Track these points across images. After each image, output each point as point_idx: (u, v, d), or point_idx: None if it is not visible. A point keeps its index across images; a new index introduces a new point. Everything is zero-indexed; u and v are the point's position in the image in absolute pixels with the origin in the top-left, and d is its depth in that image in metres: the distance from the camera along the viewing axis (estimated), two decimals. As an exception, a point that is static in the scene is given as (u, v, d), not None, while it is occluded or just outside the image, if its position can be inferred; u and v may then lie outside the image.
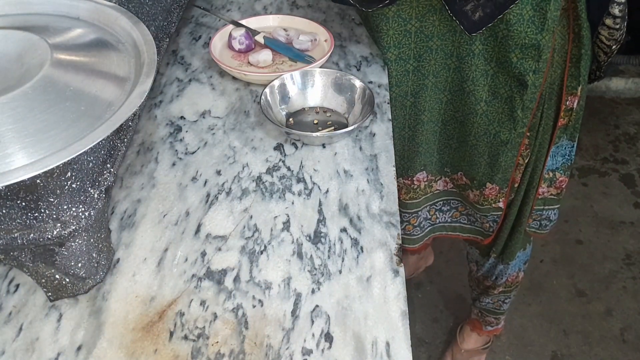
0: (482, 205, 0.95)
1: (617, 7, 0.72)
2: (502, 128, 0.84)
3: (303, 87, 0.76)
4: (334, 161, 0.68)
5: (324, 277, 0.55)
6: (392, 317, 0.51)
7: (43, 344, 0.49)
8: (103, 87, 0.47)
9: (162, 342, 0.50)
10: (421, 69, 0.82)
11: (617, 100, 2.21)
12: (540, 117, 0.86)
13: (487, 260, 1.08)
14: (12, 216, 0.46)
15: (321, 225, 0.60)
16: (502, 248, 1.03)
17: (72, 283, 0.51)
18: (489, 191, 0.93)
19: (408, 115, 0.88)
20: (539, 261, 1.62)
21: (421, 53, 0.81)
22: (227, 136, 0.72)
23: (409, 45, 0.80)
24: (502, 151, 0.86)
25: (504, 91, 0.81)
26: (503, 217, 0.98)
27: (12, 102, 0.43)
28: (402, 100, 0.86)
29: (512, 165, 0.89)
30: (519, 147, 0.87)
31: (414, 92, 0.85)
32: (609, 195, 1.82)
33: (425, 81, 0.84)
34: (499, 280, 1.10)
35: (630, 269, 1.60)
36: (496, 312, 1.23)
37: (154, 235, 0.59)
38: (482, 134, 0.86)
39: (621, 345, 1.42)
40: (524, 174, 0.92)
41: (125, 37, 0.54)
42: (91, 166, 0.50)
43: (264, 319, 0.51)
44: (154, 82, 0.73)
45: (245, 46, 0.84)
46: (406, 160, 0.94)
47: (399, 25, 0.79)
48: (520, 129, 0.84)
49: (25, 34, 0.50)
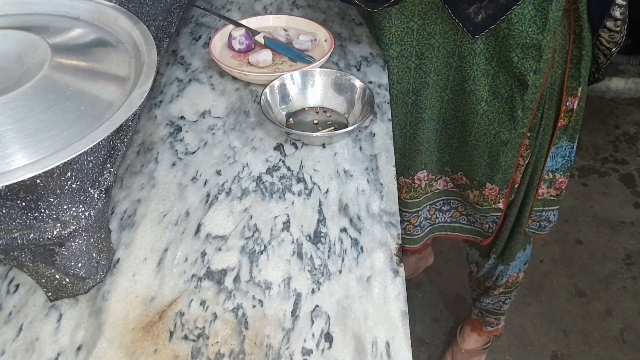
0: (481, 205, 0.95)
1: (619, 9, 0.72)
2: (502, 128, 0.84)
3: (303, 87, 0.76)
4: (334, 161, 0.68)
5: (324, 277, 0.55)
6: (392, 317, 0.51)
7: (43, 344, 0.49)
8: (103, 87, 0.47)
9: (162, 342, 0.50)
10: (423, 66, 0.83)
11: (617, 100, 2.21)
12: (541, 118, 0.86)
13: (487, 261, 1.08)
14: (12, 216, 0.46)
15: (321, 225, 0.60)
16: (502, 249, 1.04)
17: (72, 283, 0.51)
18: (488, 191, 0.93)
19: (409, 113, 0.88)
20: (539, 261, 1.62)
21: (423, 51, 0.81)
22: (227, 136, 0.72)
23: (410, 42, 0.81)
24: (502, 151, 0.86)
25: (504, 91, 0.81)
26: (503, 218, 0.98)
27: (12, 102, 0.43)
28: (403, 98, 0.86)
29: (512, 166, 0.89)
30: (519, 148, 0.87)
31: (416, 90, 0.85)
32: (609, 195, 1.82)
33: (427, 79, 0.84)
34: (499, 281, 1.11)
35: (630, 269, 1.60)
36: (496, 312, 1.23)
37: (154, 235, 0.59)
38: (483, 134, 0.86)
39: (621, 345, 1.42)
40: (524, 174, 0.92)
41: (125, 37, 0.54)
42: (91, 166, 0.50)
43: (264, 319, 0.51)
44: (154, 82, 0.73)
45: (245, 46, 0.84)
46: (407, 158, 0.94)
47: (401, 22, 0.79)
48: (521, 129, 0.84)
49: (25, 34, 0.50)
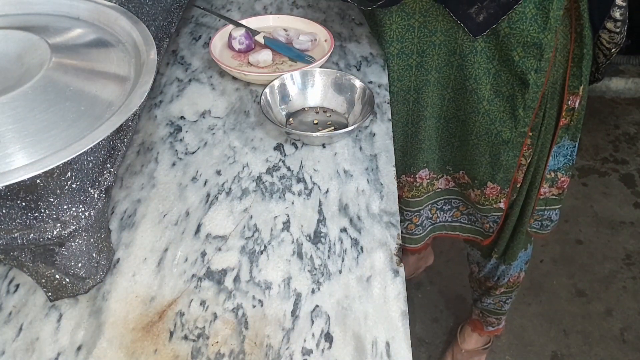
0: (483, 205, 0.95)
1: (618, 10, 0.73)
2: (504, 127, 0.84)
3: (303, 87, 0.76)
4: (334, 161, 0.68)
5: (324, 277, 0.55)
6: (392, 317, 0.51)
7: (43, 344, 0.49)
8: (103, 87, 0.47)
9: (162, 342, 0.50)
10: (424, 64, 0.83)
11: (617, 100, 2.21)
12: (543, 117, 0.86)
13: (488, 262, 1.08)
14: (12, 216, 0.46)
15: (321, 225, 0.60)
16: (504, 249, 1.04)
17: (72, 283, 0.51)
18: (489, 191, 0.93)
19: (411, 111, 0.88)
20: (539, 261, 1.62)
21: (424, 48, 0.81)
22: (227, 136, 0.72)
23: (412, 40, 0.81)
24: (503, 150, 0.86)
25: (505, 90, 0.81)
26: (504, 218, 0.98)
27: (12, 102, 0.43)
28: (404, 95, 0.86)
29: (514, 165, 0.89)
30: (521, 147, 0.87)
31: (417, 88, 0.85)
32: (609, 195, 1.82)
33: (428, 76, 0.84)
34: (500, 280, 1.11)
35: (630, 269, 1.60)
36: (497, 312, 1.23)
37: (154, 235, 0.59)
38: (484, 133, 0.86)
39: (621, 345, 1.42)
40: (525, 174, 0.92)
41: (125, 37, 0.54)
42: (91, 166, 0.50)
43: (264, 319, 0.51)
44: (154, 82, 0.73)
45: (245, 46, 0.84)
46: (409, 156, 0.94)
47: (402, 19, 0.79)
48: (522, 128, 0.84)
49: (25, 34, 0.50)
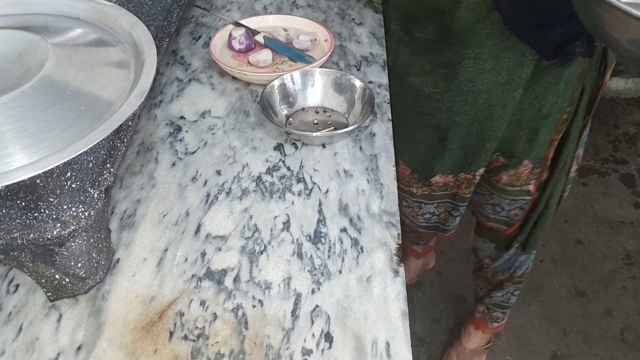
0: (514, 186, 0.96)
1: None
2: (545, 102, 0.85)
3: (303, 87, 0.76)
4: (334, 161, 0.68)
5: (324, 277, 0.55)
6: (392, 317, 0.51)
7: (43, 344, 0.49)
8: (103, 87, 0.47)
9: (162, 342, 0.50)
10: (496, 67, 0.83)
11: (617, 100, 2.21)
12: (581, 92, 0.86)
13: (504, 253, 1.09)
14: (12, 216, 0.46)
15: (321, 225, 0.60)
16: (526, 236, 1.04)
17: (72, 283, 0.51)
18: (522, 169, 0.93)
19: (479, 111, 0.88)
20: (539, 261, 1.62)
21: (498, 52, 0.81)
22: (227, 136, 0.72)
23: (489, 46, 0.81)
24: (543, 125, 0.87)
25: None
26: (532, 204, 0.98)
27: (12, 102, 0.43)
28: (474, 97, 0.86)
29: (547, 142, 0.90)
30: (557, 123, 0.88)
31: (488, 90, 0.86)
32: (609, 195, 1.82)
33: (499, 78, 0.84)
34: (517, 271, 1.11)
35: (630, 269, 1.60)
36: (504, 305, 1.23)
37: (154, 235, 0.59)
38: (526, 107, 0.86)
39: (621, 345, 1.42)
40: (557, 151, 0.93)
41: (125, 37, 0.54)
42: (91, 166, 0.50)
43: (264, 319, 0.51)
44: (154, 82, 0.74)
45: (245, 46, 0.84)
46: (470, 155, 0.95)
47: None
48: (562, 104, 0.85)
49: (25, 34, 0.50)
